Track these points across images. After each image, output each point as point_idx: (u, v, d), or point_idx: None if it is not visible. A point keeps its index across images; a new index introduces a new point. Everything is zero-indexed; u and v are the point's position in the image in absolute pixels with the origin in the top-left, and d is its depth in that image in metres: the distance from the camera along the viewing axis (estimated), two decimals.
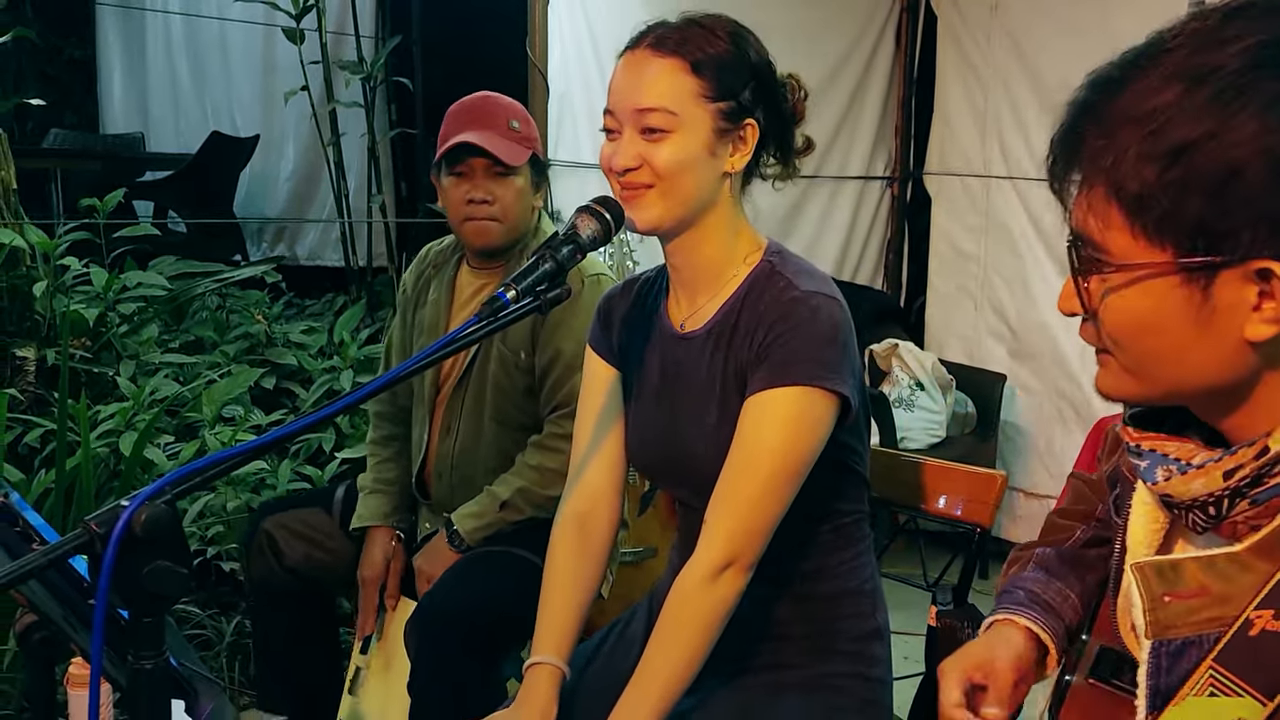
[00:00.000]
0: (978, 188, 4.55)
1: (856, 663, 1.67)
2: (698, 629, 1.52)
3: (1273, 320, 0.92)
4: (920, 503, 2.04)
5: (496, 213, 2.35)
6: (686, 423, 1.65)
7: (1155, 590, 1.00)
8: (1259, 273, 0.91)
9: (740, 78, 1.57)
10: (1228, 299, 0.93)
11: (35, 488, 2.97)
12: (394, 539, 2.44)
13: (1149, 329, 0.97)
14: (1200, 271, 0.93)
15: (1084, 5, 4.01)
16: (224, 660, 3.06)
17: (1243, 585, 0.96)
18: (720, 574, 1.51)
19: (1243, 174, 0.89)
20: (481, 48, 4.64)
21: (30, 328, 3.51)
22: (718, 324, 1.63)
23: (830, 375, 1.52)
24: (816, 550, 1.67)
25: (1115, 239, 0.96)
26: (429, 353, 1.29)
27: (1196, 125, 0.90)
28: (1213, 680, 0.95)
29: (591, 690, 1.70)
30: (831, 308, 1.55)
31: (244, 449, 1.13)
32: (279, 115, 6.09)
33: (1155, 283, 0.95)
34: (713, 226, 1.61)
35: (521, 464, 2.35)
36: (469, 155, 2.33)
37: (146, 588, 1.01)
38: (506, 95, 2.47)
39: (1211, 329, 0.95)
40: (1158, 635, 1.00)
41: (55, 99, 7.32)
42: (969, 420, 4.35)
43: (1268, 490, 0.97)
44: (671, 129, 1.54)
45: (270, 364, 4.01)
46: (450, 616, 2.16)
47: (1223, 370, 0.97)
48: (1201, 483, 1.00)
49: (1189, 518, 1.03)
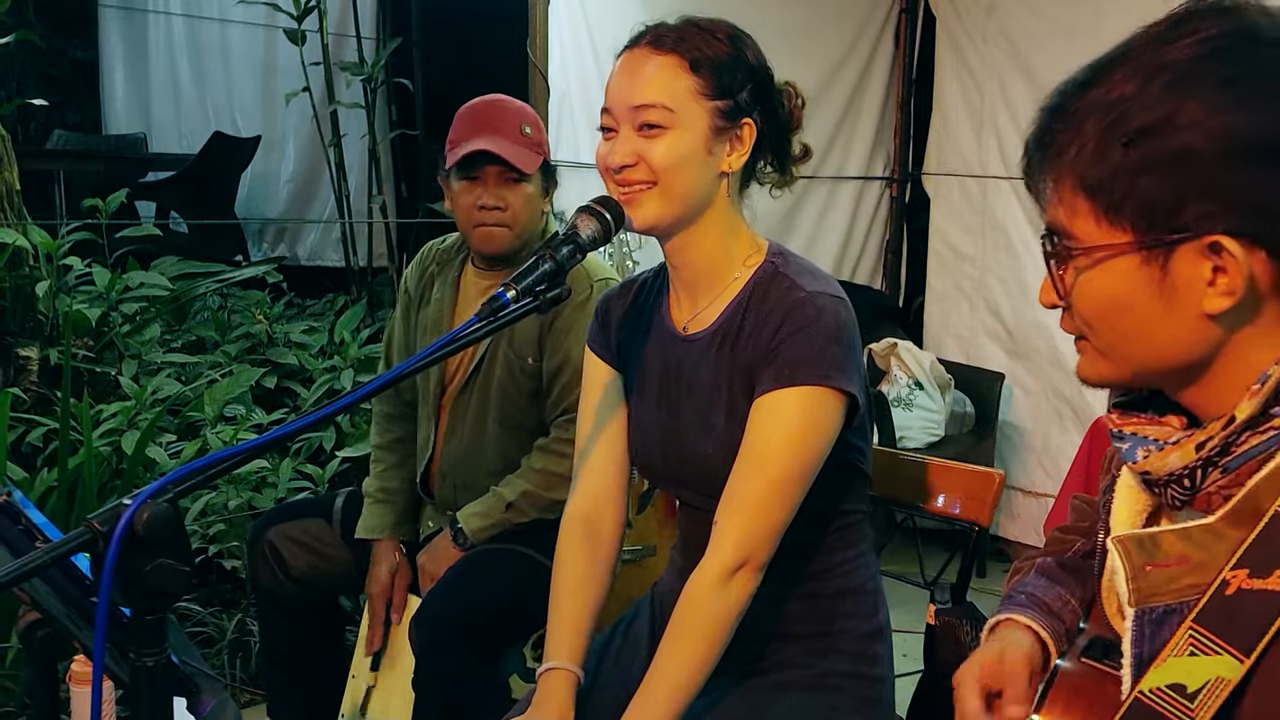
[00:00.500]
0: (975, 188, 4.55)
1: (859, 662, 1.67)
2: (710, 632, 1.51)
3: (1227, 293, 0.97)
4: (919, 501, 2.04)
5: (507, 219, 2.34)
6: (691, 424, 1.64)
7: (1137, 561, 1.03)
8: (1211, 247, 0.96)
9: (738, 78, 1.57)
10: (1185, 275, 0.98)
11: (38, 486, 2.97)
12: (398, 552, 2.44)
13: (1116, 308, 1.02)
14: (1159, 249, 0.98)
15: (1079, 7, 4.01)
16: (225, 657, 3.07)
17: (1217, 553, 0.99)
18: (732, 576, 1.51)
19: (1191, 154, 0.95)
20: (481, 49, 4.65)
21: (33, 327, 3.51)
22: (722, 326, 1.62)
23: (838, 375, 1.51)
24: (822, 550, 1.66)
25: (1081, 225, 1.02)
26: (430, 351, 1.29)
27: (1152, 111, 0.96)
28: (1192, 640, 0.98)
29: (600, 691, 1.69)
30: (837, 307, 1.55)
31: (245, 448, 1.13)
32: (280, 116, 6.10)
33: (1118, 263, 1.00)
34: (710, 226, 1.61)
35: (527, 467, 2.34)
36: (484, 162, 2.31)
37: (148, 586, 1.01)
38: (503, 95, 2.47)
39: (1173, 305, 0.99)
40: (1141, 603, 1.03)
41: (58, 100, 7.33)
42: (967, 419, 4.35)
43: (1236, 458, 1.01)
44: (668, 125, 1.53)
45: (271, 363, 4.01)
46: (453, 613, 2.16)
47: (1187, 346, 1.01)
48: (1176, 456, 1.04)
49: (1167, 494, 1.07)
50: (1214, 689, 0.97)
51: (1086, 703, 1.13)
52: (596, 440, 1.75)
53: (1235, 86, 0.95)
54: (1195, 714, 0.97)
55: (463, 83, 2.51)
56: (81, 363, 3.52)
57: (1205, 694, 0.97)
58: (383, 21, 5.67)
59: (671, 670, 1.51)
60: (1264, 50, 0.97)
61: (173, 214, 6.32)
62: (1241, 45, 0.97)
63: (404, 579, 2.42)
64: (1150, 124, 0.96)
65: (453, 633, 2.13)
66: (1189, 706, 0.97)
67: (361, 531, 2.45)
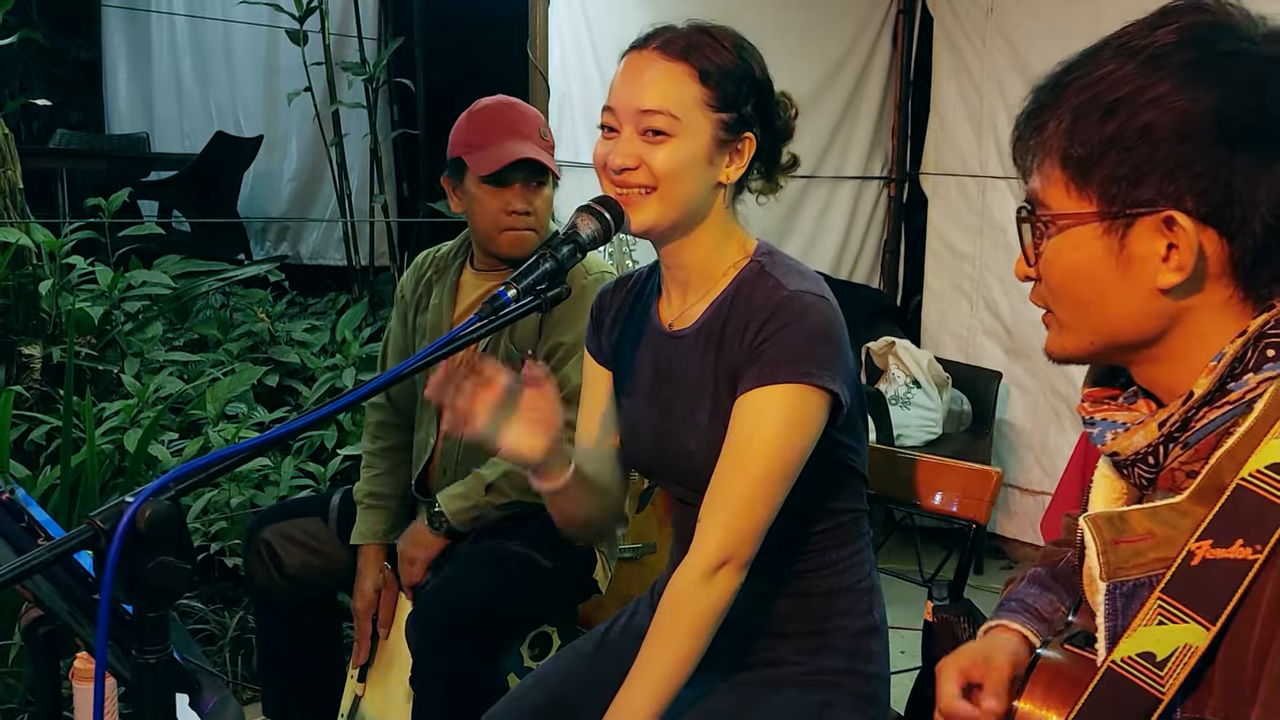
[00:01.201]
0: (973, 188, 4.55)
1: (854, 659, 1.67)
2: (693, 627, 1.51)
3: (1178, 269, 1.01)
4: (916, 499, 2.04)
5: (534, 224, 2.35)
6: (679, 421, 1.65)
7: (1106, 537, 1.06)
8: (1165, 221, 1.01)
9: (744, 91, 1.57)
10: (1141, 250, 1.03)
11: (41, 484, 2.96)
12: (383, 566, 2.42)
13: (1076, 275, 1.07)
14: (1119, 220, 1.03)
15: (1076, 8, 4.01)
16: (227, 655, 3.07)
17: (1183, 528, 1.03)
18: (715, 573, 1.51)
19: (1154, 130, 1.00)
20: (482, 49, 4.64)
21: (36, 326, 3.51)
22: (706, 323, 1.62)
23: (820, 373, 1.51)
24: (814, 548, 1.66)
25: (1052, 193, 1.07)
26: (431, 350, 1.29)
27: (1124, 87, 1.02)
28: (1161, 610, 1.01)
29: (593, 685, 1.69)
30: (821, 306, 1.55)
31: (247, 446, 1.13)
32: (282, 116, 6.09)
33: (1081, 231, 1.05)
34: (705, 233, 1.61)
35: None
36: (514, 167, 2.30)
37: (150, 583, 1.01)
38: (509, 96, 2.46)
39: (1129, 278, 1.04)
40: (1111, 577, 1.06)
41: (61, 99, 7.32)
42: (964, 417, 4.35)
43: (1195, 433, 1.05)
44: (673, 133, 1.53)
45: (273, 362, 4.01)
46: (449, 612, 2.16)
47: (1140, 319, 1.06)
48: (1141, 435, 1.08)
49: (1134, 473, 1.10)
50: (1182, 656, 1.00)
51: (1067, 685, 1.15)
52: (593, 441, 1.76)
53: (1199, 69, 1.00)
54: (1164, 682, 1.00)
55: (464, 83, 2.51)
56: (84, 361, 3.52)
57: (1174, 661, 1.00)
58: (384, 22, 5.66)
59: (655, 665, 1.52)
60: (1232, 40, 1.01)
61: (175, 213, 6.31)
62: (1213, 33, 1.01)
63: (390, 594, 2.42)
64: (1120, 98, 1.01)
65: (449, 632, 2.13)
66: (1159, 674, 1.00)
67: (355, 538, 2.44)
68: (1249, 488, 0.98)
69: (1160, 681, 1.00)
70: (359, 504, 2.49)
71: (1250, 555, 0.97)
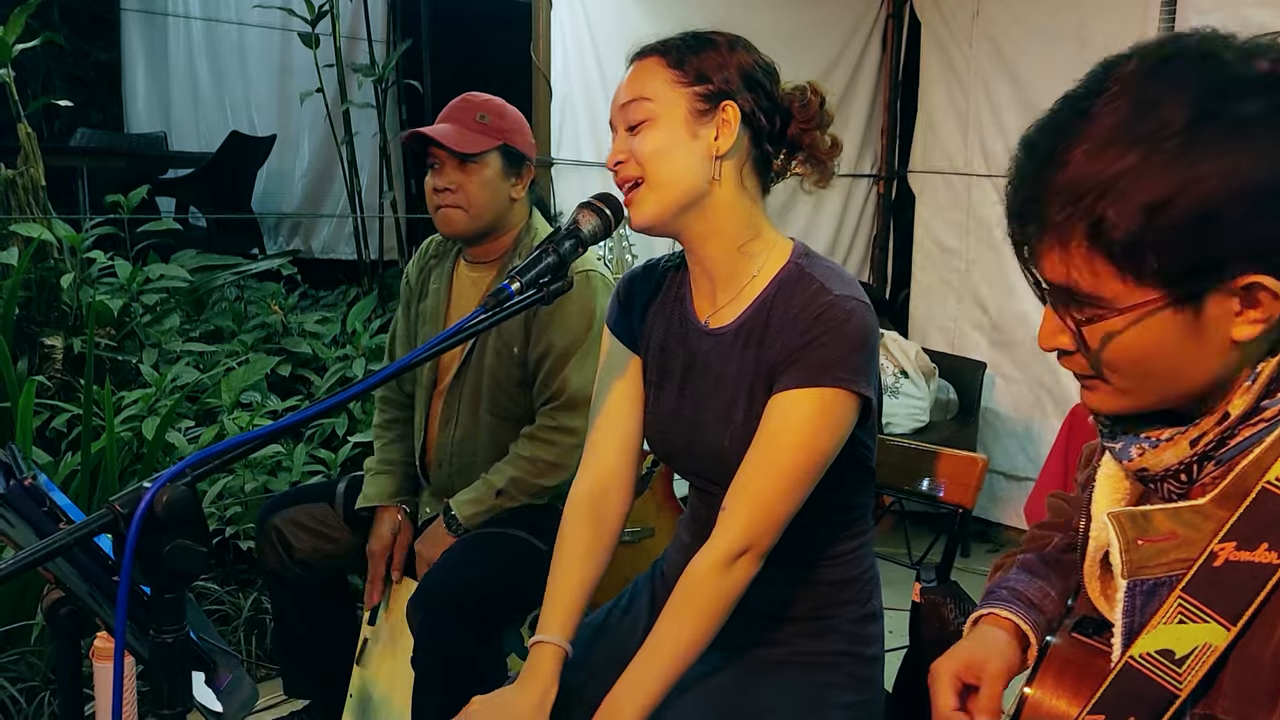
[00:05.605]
0: (959, 185, 4.54)
1: (853, 642, 1.67)
2: (708, 611, 1.51)
3: (1257, 321, 0.96)
4: (905, 485, 2.04)
5: (460, 200, 2.34)
6: (712, 416, 1.62)
7: (1129, 535, 1.04)
8: (1244, 288, 0.95)
9: (717, 65, 1.56)
10: (1215, 313, 0.97)
11: (62, 470, 2.96)
12: (400, 514, 2.45)
13: (1149, 356, 1.01)
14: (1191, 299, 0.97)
15: (1061, 12, 4.00)
16: (241, 634, 3.07)
17: (1205, 530, 1.01)
18: (735, 561, 1.50)
19: (1217, 214, 0.93)
20: (487, 52, 4.64)
21: (58, 317, 3.50)
22: (747, 322, 1.60)
23: (857, 378, 1.50)
24: (826, 540, 1.66)
25: (1109, 286, 0.99)
26: (437, 342, 1.29)
27: (1165, 182, 0.93)
28: (1181, 609, 0.99)
29: (595, 666, 1.69)
30: (863, 312, 1.52)
31: (261, 433, 1.12)
32: (295, 116, 6.08)
33: (1153, 318, 0.98)
34: (715, 216, 1.58)
35: (515, 454, 2.34)
36: (429, 146, 2.34)
37: (167, 565, 1.01)
38: (509, 97, 2.46)
39: (1203, 340, 0.98)
40: (1132, 575, 1.04)
41: (82, 100, 7.31)
42: (951, 406, 4.35)
43: (1230, 450, 1.02)
44: (650, 117, 1.54)
45: (286, 352, 4.00)
46: (449, 594, 2.16)
47: (1212, 372, 1.01)
48: (1171, 453, 1.05)
49: (1163, 488, 1.07)
50: (1201, 655, 0.98)
51: (1076, 674, 1.14)
52: (609, 422, 1.73)
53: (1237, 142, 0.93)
54: (1182, 679, 0.98)
55: (470, 84, 2.49)
56: (104, 351, 3.51)
57: (1193, 659, 0.98)
58: (393, 25, 5.65)
59: (668, 642, 1.51)
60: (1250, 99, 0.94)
61: (192, 209, 6.30)
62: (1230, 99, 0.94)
63: (405, 537, 2.43)
64: (1167, 195, 0.93)
65: (449, 613, 2.13)
66: (1177, 671, 0.99)
67: (363, 501, 2.45)
68: (1275, 491, 0.97)
69: (1178, 679, 0.99)
70: (367, 472, 2.51)
71: (1275, 559, 0.96)
